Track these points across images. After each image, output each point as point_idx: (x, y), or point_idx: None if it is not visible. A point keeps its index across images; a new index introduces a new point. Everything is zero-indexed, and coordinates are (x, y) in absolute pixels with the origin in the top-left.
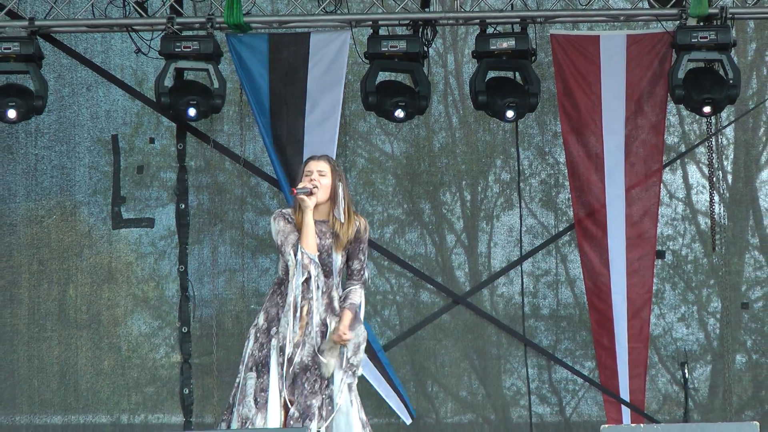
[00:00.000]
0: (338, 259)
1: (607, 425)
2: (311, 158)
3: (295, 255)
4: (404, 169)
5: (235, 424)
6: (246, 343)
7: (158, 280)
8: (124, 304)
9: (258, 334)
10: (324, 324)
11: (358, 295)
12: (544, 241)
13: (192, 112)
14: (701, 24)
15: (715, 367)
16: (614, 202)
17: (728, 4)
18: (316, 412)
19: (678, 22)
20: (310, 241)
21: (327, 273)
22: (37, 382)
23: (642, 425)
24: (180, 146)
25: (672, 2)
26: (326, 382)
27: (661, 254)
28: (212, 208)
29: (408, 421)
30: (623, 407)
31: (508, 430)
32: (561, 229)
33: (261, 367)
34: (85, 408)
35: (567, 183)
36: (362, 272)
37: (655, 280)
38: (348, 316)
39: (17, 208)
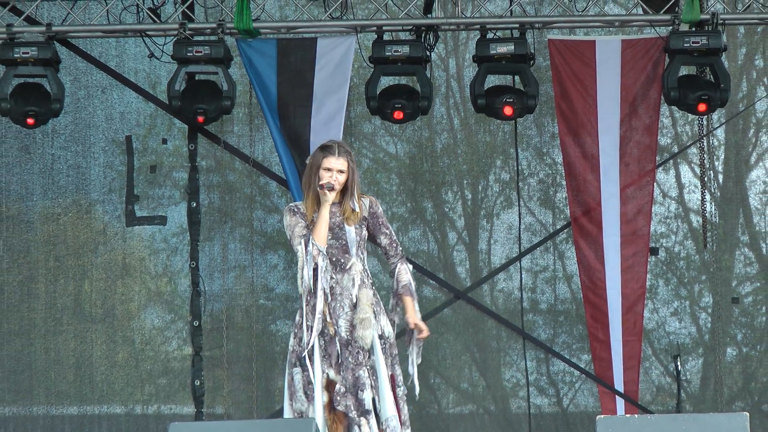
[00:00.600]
0: (352, 233)
1: (602, 416)
2: (329, 154)
3: (306, 246)
4: (407, 168)
5: (295, 417)
6: (289, 343)
7: (170, 275)
8: (137, 298)
9: (296, 330)
10: (354, 299)
11: (404, 272)
12: (542, 239)
13: (201, 119)
14: (693, 29)
15: (706, 359)
16: (609, 200)
17: (719, 10)
18: (366, 382)
19: (671, 27)
20: (322, 234)
21: (344, 248)
22: (54, 374)
23: (636, 416)
24: (191, 147)
25: (665, 8)
26: (368, 353)
27: (654, 251)
28: (222, 206)
29: None
30: (618, 398)
31: (507, 420)
32: (558, 226)
33: (304, 360)
34: (100, 399)
35: (564, 182)
36: (394, 246)
37: (648, 276)
38: (409, 301)
39: (34, 206)
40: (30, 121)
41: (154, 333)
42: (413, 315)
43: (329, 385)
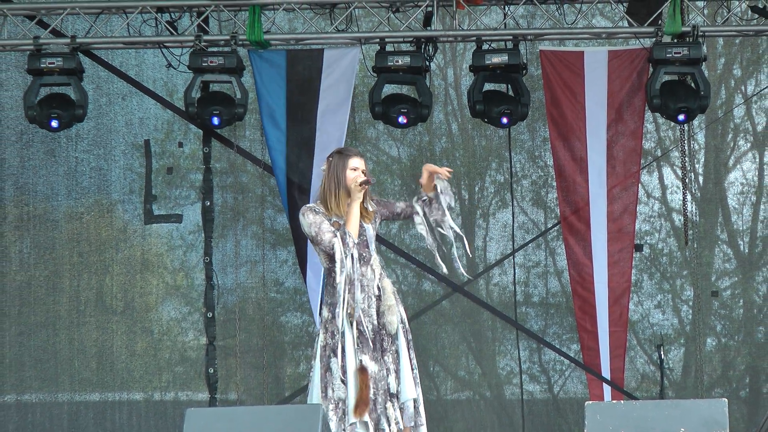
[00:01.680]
0: (371, 230)
1: (590, 402)
2: (354, 155)
3: (344, 239)
4: (409, 171)
5: (331, 407)
6: (316, 340)
7: (186, 270)
8: (155, 291)
9: (327, 325)
10: (378, 289)
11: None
12: (534, 236)
13: (216, 120)
14: (675, 41)
15: (687, 349)
16: (597, 200)
17: (699, 23)
18: (391, 367)
19: (654, 39)
20: (355, 227)
21: (365, 243)
22: (77, 363)
23: (622, 402)
24: (206, 150)
25: (649, 21)
26: (392, 338)
27: (639, 247)
28: (235, 205)
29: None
30: (605, 385)
31: (501, 406)
32: (549, 225)
33: (338, 351)
34: (120, 386)
35: (555, 183)
36: (406, 201)
37: (633, 271)
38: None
39: (59, 206)
40: (54, 124)
41: (171, 324)
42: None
43: (361, 371)
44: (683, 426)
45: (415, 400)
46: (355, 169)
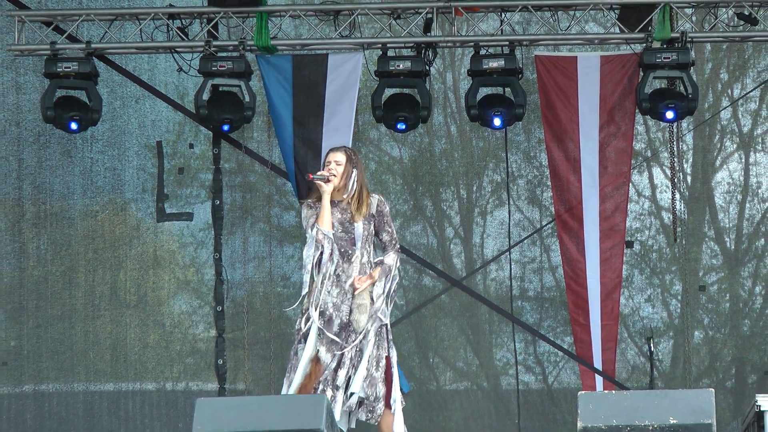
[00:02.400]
0: (360, 228)
1: (583, 392)
2: (330, 150)
3: (312, 230)
4: (409, 170)
5: (284, 389)
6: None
7: (197, 266)
8: (167, 286)
9: (303, 312)
10: (354, 287)
11: (390, 258)
12: (530, 233)
13: (226, 127)
14: (664, 46)
15: (676, 341)
16: (589, 199)
17: (688, 29)
18: (347, 362)
19: (644, 44)
20: (326, 220)
21: (352, 241)
22: (92, 354)
23: (613, 392)
24: (216, 151)
25: (639, 27)
26: (360, 335)
27: (629, 244)
28: (243, 204)
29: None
30: (597, 376)
31: (498, 396)
32: (544, 222)
33: (307, 338)
34: (134, 376)
35: (549, 183)
36: (393, 243)
37: (624, 267)
38: (376, 269)
39: (75, 204)
40: (73, 126)
41: (182, 317)
42: (363, 278)
43: (314, 360)
44: (672, 415)
45: (374, 397)
46: (328, 163)
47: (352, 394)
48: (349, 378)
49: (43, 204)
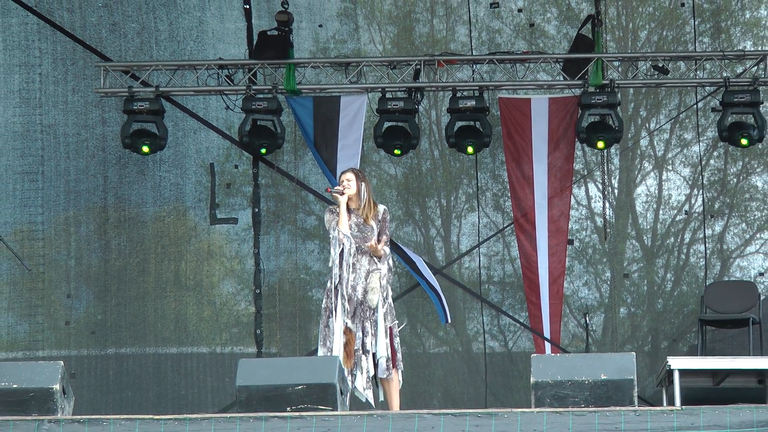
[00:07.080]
0: (370, 228)
1: (535, 354)
2: (343, 171)
3: (334, 231)
4: (402, 185)
5: (327, 352)
6: (322, 304)
7: (240, 258)
8: (217, 273)
9: (328, 293)
10: (368, 273)
11: (387, 248)
12: (494, 233)
13: (263, 150)
14: (597, 90)
15: (606, 316)
16: (540, 207)
17: (615, 77)
18: (370, 331)
19: (582, 89)
20: (343, 223)
21: (364, 239)
22: (160, 325)
23: (558, 354)
24: (255, 170)
25: (579, 76)
26: (373, 310)
27: (571, 242)
28: (276, 210)
29: (443, 321)
30: (546, 343)
31: (470, 357)
32: (506, 224)
33: (333, 311)
34: (192, 342)
35: (509, 194)
36: (386, 242)
37: (567, 259)
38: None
39: (147, 211)
40: (145, 149)
41: (229, 297)
42: (373, 244)
43: (347, 331)
44: (602, 372)
45: (387, 358)
46: (342, 181)
47: (378, 358)
48: (372, 344)
49: (122, 210)
